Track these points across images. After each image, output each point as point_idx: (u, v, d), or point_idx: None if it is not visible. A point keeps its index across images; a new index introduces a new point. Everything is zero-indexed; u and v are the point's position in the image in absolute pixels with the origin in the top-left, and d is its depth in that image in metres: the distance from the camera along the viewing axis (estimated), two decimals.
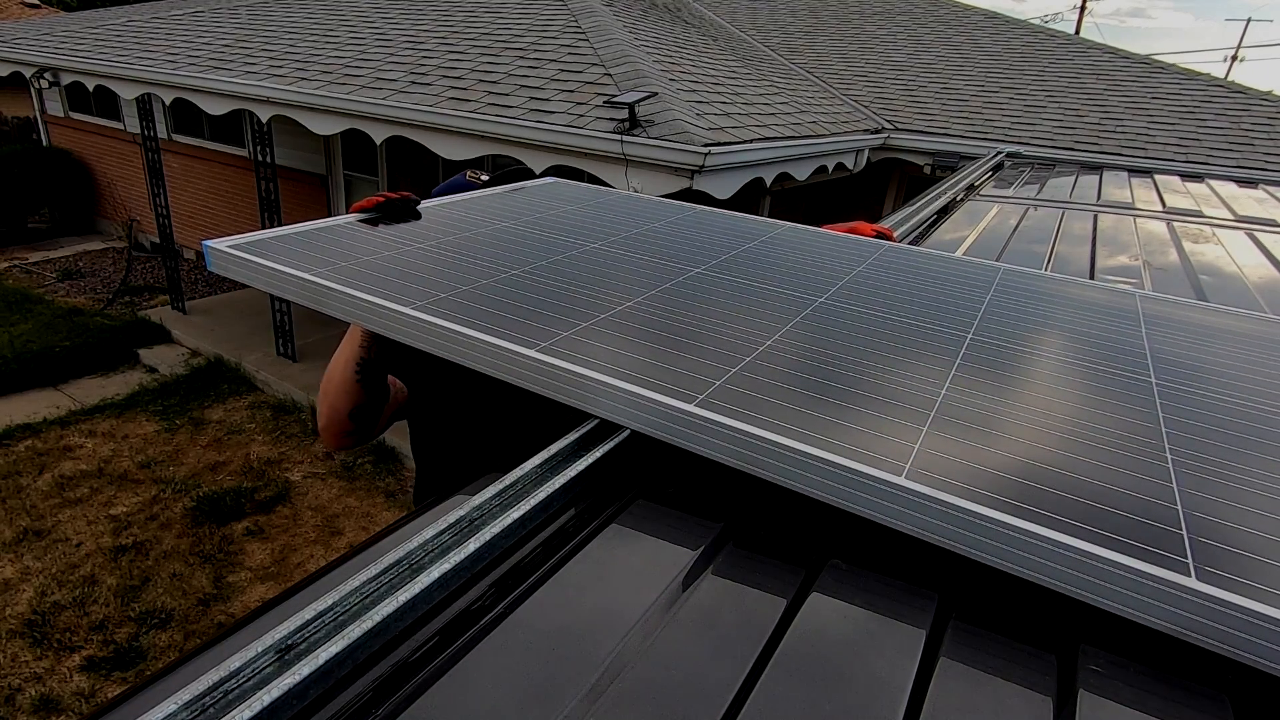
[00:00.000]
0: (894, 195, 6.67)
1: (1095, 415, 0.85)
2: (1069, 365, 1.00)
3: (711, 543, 0.72)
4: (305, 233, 1.22)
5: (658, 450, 0.82)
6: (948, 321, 1.11)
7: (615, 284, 1.13)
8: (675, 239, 1.42)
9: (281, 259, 1.08)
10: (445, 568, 0.60)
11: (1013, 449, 0.76)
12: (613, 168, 4.08)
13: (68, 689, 3.38)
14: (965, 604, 0.66)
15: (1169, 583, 0.57)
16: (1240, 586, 0.57)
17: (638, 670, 0.55)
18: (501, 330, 0.91)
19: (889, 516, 0.68)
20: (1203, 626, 0.57)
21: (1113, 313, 1.23)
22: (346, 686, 0.54)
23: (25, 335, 6.80)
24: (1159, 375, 0.98)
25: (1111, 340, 1.10)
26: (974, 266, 1.42)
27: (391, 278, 1.06)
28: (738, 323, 1.03)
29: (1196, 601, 0.56)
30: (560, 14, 6.08)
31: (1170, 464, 0.76)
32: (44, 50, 7.93)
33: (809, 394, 0.84)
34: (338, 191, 8.22)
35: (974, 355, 0.99)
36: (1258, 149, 5.23)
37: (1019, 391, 0.90)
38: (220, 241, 1.12)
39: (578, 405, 0.84)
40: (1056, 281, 1.38)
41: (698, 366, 0.87)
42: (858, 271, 1.31)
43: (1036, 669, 0.59)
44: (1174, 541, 0.63)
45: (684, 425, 0.77)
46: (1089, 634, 0.63)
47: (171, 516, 4.62)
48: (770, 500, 0.80)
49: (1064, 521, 0.64)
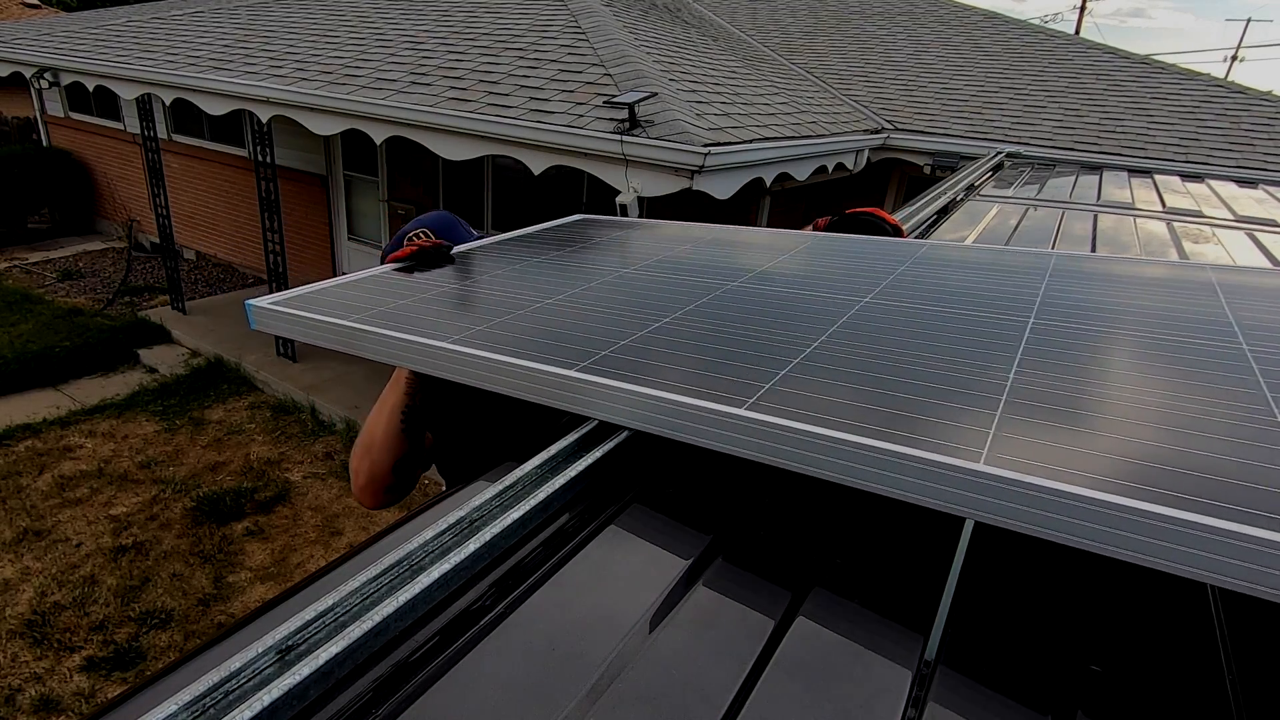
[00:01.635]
0: (894, 195, 6.67)
1: (1192, 387, 0.79)
2: (1151, 341, 0.94)
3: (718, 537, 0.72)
4: (342, 285, 1.23)
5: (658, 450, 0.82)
6: (1008, 310, 1.08)
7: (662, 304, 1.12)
8: (698, 260, 1.41)
9: (320, 309, 1.10)
10: (445, 568, 0.61)
11: (1109, 431, 0.69)
12: (612, 168, 4.08)
13: (68, 689, 3.38)
14: (963, 615, 0.66)
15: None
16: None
17: (637, 671, 0.55)
18: (542, 357, 0.91)
19: (969, 507, 0.62)
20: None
21: (1189, 286, 1.18)
22: (347, 687, 0.54)
23: (25, 335, 6.80)
24: (1250, 342, 0.92)
25: (1193, 313, 1.05)
26: (1023, 255, 1.40)
27: (426, 316, 1.07)
28: (782, 328, 1.01)
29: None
30: (560, 14, 6.08)
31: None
32: (44, 50, 7.93)
33: (876, 391, 0.80)
34: (338, 191, 8.22)
35: (1039, 340, 0.95)
36: (1258, 149, 5.23)
37: (1100, 373, 0.85)
38: (263, 300, 1.14)
39: (577, 410, 0.84)
40: (1124, 262, 1.34)
41: (747, 372, 0.86)
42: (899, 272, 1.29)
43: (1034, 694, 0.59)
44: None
45: (736, 430, 0.74)
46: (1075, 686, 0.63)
47: (171, 517, 4.62)
48: (766, 506, 0.79)
49: (1188, 499, 0.56)
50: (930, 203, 2.62)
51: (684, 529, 0.74)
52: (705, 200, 4.19)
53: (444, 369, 0.94)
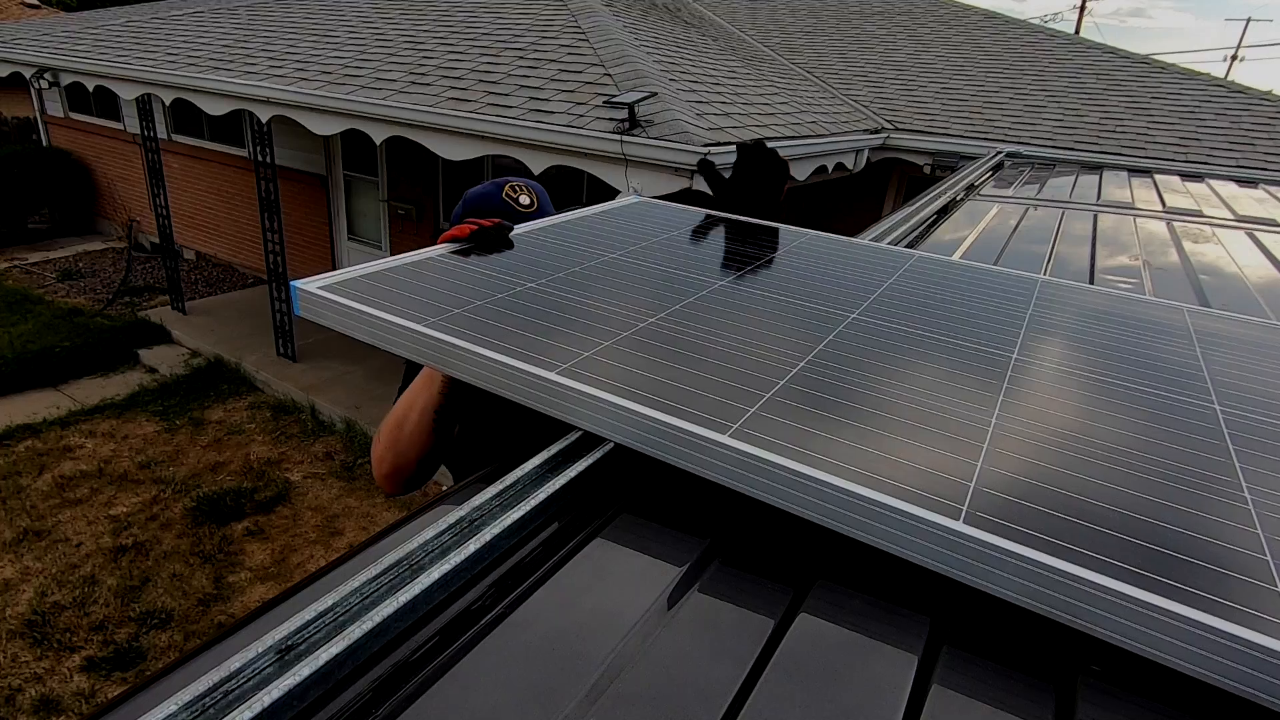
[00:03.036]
0: (894, 195, 6.67)
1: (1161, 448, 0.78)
2: (1121, 390, 0.92)
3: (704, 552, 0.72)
4: (402, 268, 1.09)
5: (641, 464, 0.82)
6: (990, 339, 1.04)
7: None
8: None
9: (383, 304, 0.94)
10: (445, 568, 0.61)
11: (1081, 489, 0.69)
12: (612, 168, 4.08)
13: (68, 689, 3.38)
14: (959, 629, 0.66)
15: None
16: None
17: (636, 672, 0.55)
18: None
19: (954, 568, 0.60)
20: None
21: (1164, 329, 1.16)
22: (347, 687, 0.54)
23: (25, 335, 6.81)
24: (1222, 402, 0.91)
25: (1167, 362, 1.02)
26: (1012, 279, 1.36)
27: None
28: (762, 342, 0.95)
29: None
30: (560, 14, 6.08)
31: (1252, 505, 0.68)
32: (44, 50, 7.93)
33: (847, 422, 0.77)
34: (338, 191, 8.22)
35: (1021, 378, 0.92)
36: (1258, 149, 5.23)
37: (1071, 419, 0.83)
38: (309, 282, 0.96)
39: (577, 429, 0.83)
40: (1102, 296, 1.31)
41: (729, 391, 0.82)
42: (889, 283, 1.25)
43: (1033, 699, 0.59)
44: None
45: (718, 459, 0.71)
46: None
47: (171, 517, 4.62)
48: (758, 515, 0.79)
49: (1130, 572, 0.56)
50: (930, 202, 2.62)
51: (685, 529, 0.74)
52: (705, 200, 4.19)
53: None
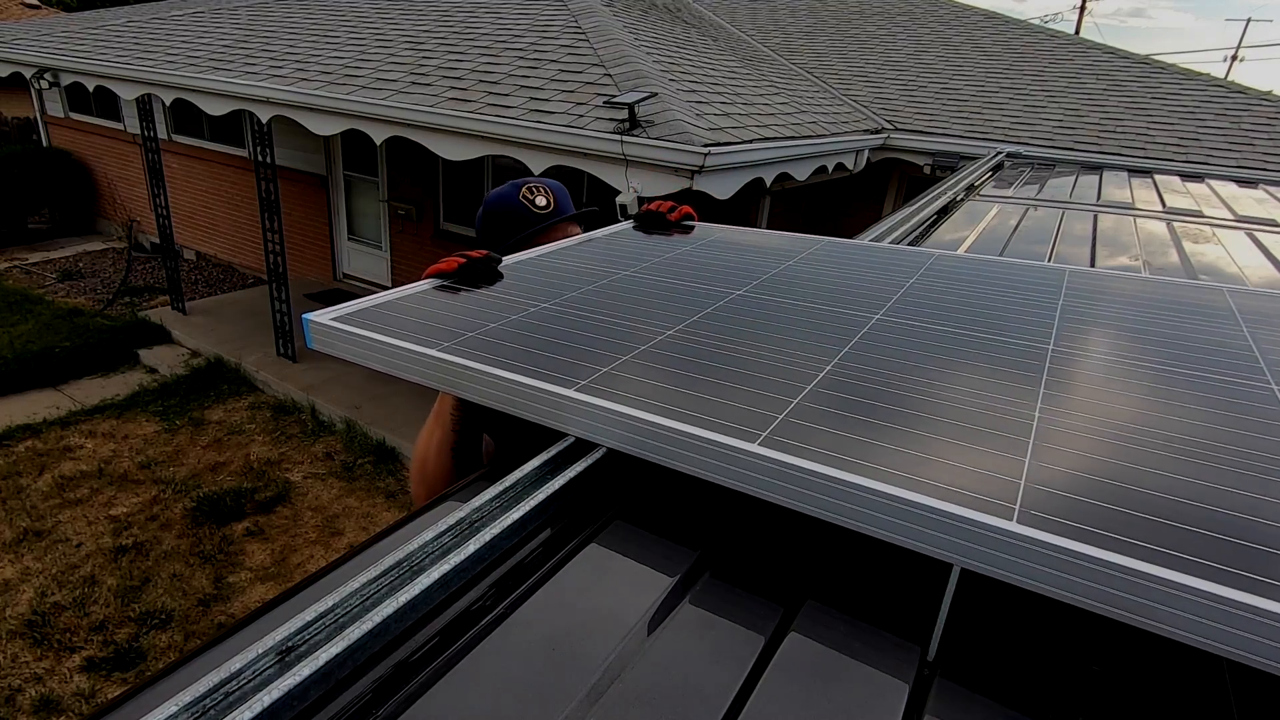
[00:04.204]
0: (894, 195, 6.67)
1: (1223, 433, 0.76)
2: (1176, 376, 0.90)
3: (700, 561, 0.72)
4: (412, 296, 1.10)
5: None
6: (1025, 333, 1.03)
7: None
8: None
9: (395, 331, 0.95)
10: (445, 569, 0.61)
11: (1141, 481, 0.66)
12: (613, 168, 4.08)
13: (68, 689, 3.38)
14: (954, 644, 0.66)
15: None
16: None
17: (637, 671, 0.55)
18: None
19: (1006, 569, 0.57)
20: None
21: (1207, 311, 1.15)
22: (347, 687, 0.54)
23: (25, 336, 6.80)
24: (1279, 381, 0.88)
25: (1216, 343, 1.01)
26: (1038, 270, 1.35)
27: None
28: (784, 348, 0.95)
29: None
30: (560, 14, 6.08)
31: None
32: (44, 50, 7.93)
33: (880, 424, 0.76)
34: (338, 192, 8.22)
35: (1060, 369, 0.90)
36: (1258, 149, 5.23)
37: (1120, 408, 0.80)
38: (321, 314, 0.98)
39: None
40: (1143, 283, 1.30)
41: (754, 398, 0.81)
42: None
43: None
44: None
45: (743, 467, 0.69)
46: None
47: (171, 517, 4.62)
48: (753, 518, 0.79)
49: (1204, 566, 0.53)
50: (930, 203, 2.62)
51: (685, 529, 0.74)
52: (705, 200, 4.19)
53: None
